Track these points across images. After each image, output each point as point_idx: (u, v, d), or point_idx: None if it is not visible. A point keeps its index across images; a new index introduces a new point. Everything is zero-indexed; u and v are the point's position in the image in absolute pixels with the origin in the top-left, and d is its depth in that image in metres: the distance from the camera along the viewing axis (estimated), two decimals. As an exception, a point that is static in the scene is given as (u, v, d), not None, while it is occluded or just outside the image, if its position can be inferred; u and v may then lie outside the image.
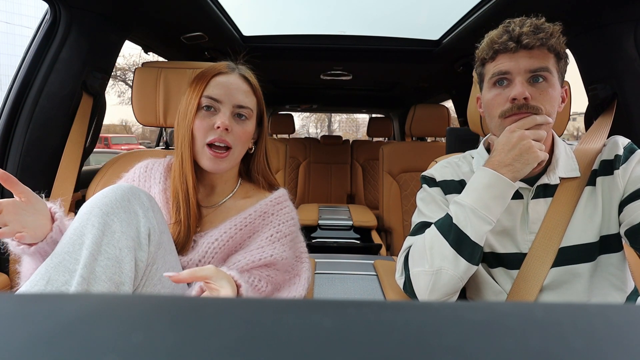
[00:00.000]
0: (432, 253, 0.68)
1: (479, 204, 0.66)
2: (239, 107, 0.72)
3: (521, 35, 0.66)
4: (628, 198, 0.67)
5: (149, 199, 0.60)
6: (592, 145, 0.77)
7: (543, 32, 0.66)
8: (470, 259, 0.66)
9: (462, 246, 0.66)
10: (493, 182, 0.65)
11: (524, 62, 0.67)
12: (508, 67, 0.68)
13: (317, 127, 26.64)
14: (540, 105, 0.67)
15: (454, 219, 0.68)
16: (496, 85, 0.71)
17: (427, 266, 0.68)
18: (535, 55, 0.67)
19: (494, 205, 0.65)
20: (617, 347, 0.12)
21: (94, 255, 0.51)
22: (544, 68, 0.66)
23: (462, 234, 0.66)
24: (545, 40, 0.66)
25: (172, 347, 0.12)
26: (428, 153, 1.95)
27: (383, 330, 0.13)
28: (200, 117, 0.70)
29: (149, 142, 17.67)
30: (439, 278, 0.66)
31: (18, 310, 0.14)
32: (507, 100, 0.68)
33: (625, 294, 0.69)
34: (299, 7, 1.54)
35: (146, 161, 0.79)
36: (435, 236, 0.69)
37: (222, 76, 0.72)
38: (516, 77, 0.67)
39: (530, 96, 0.66)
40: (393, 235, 1.91)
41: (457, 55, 1.66)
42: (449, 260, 0.66)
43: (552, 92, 0.67)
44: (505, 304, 0.16)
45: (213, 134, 0.69)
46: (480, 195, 0.66)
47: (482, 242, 0.67)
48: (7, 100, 0.98)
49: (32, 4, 18.00)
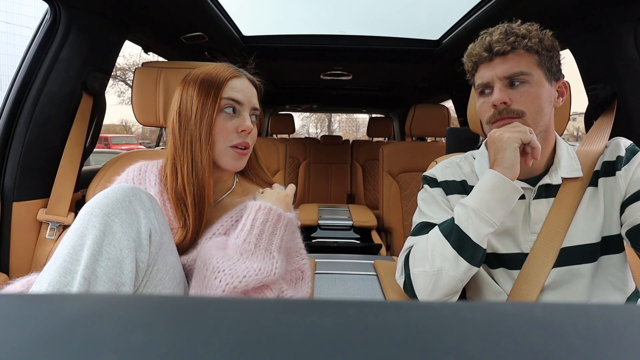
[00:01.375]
0: (434, 254, 0.68)
1: (482, 205, 0.66)
2: (254, 109, 0.74)
3: (491, 44, 0.69)
4: (630, 199, 0.67)
5: (150, 200, 0.60)
6: (594, 147, 0.77)
7: (513, 35, 0.67)
8: (471, 260, 0.66)
9: (464, 247, 0.66)
10: (498, 185, 0.66)
11: (499, 68, 0.69)
12: (487, 76, 0.71)
13: (317, 127, 26.65)
14: (522, 107, 0.68)
15: (456, 220, 0.68)
16: (481, 94, 0.74)
17: (427, 266, 0.68)
18: (510, 59, 0.68)
19: (497, 207, 0.65)
20: (617, 347, 0.12)
21: (95, 256, 0.51)
22: (519, 72, 0.68)
23: (464, 235, 0.66)
24: (517, 44, 0.67)
25: (172, 347, 0.12)
26: (428, 153, 1.95)
27: (383, 330, 0.13)
28: (222, 119, 0.70)
29: (149, 142, 17.68)
30: (440, 278, 0.66)
31: (18, 310, 0.14)
32: (491, 107, 0.71)
33: (625, 295, 0.69)
34: (299, 7, 1.55)
35: (139, 164, 0.79)
36: (437, 237, 0.69)
37: (237, 80, 0.73)
38: (495, 84, 0.70)
39: (509, 100, 0.68)
40: (393, 235, 1.91)
41: (457, 55, 1.66)
42: (449, 261, 0.66)
43: (535, 91, 0.68)
44: (505, 304, 0.16)
45: (238, 137, 0.71)
46: (485, 197, 0.66)
47: (485, 244, 0.67)
48: (7, 100, 0.98)
49: (32, 4, 18.00)
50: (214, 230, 0.70)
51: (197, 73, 0.73)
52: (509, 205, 0.66)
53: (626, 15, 0.98)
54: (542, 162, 0.75)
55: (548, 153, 0.75)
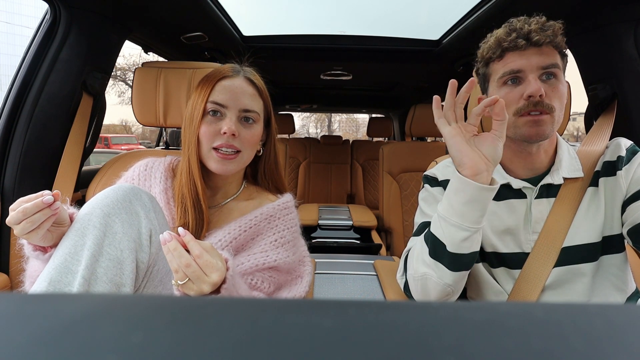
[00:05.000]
0: (418, 259, 0.68)
1: (449, 211, 0.62)
2: (245, 111, 0.71)
3: (530, 33, 0.66)
4: (630, 198, 0.67)
5: (151, 200, 0.60)
6: (594, 147, 0.77)
7: (550, 29, 0.66)
8: (451, 266, 0.63)
9: (439, 254, 0.64)
10: (459, 187, 0.61)
11: (535, 59, 0.67)
12: (520, 65, 0.67)
13: (317, 127, 26.65)
14: (553, 103, 0.67)
15: (431, 227, 0.66)
16: (507, 83, 0.70)
17: (412, 271, 0.68)
18: (545, 52, 0.67)
19: (467, 210, 0.60)
20: (617, 347, 0.12)
21: (96, 257, 0.51)
22: (555, 64, 0.67)
23: (438, 242, 0.64)
24: (552, 38, 0.66)
25: (172, 347, 0.12)
26: (428, 153, 1.95)
27: (383, 330, 0.13)
28: (207, 122, 0.69)
29: (149, 142, 17.67)
30: (426, 283, 0.66)
31: (18, 310, 0.14)
32: (521, 98, 0.68)
33: (626, 294, 0.69)
34: (298, 7, 1.54)
35: (146, 160, 0.79)
36: (421, 242, 0.69)
37: (227, 80, 0.71)
38: (529, 74, 0.67)
39: (544, 93, 0.66)
40: (393, 235, 1.91)
41: (457, 55, 1.66)
42: (431, 267, 0.65)
43: (562, 88, 0.68)
44: (505, 304, 0.16)
45: (220, 139, 0.69)
46: (451, 202, 0.62)
47: (465, 250, 0.62)
48: (7, 100, 0.98)
49: (32, 4, 18.01)
50: (220, 237, 0.69)
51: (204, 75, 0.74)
52: (482, 205, 0.60)
53: (626, 15, 0.98)
54: (544, 161, 0.75)
55: (550, 153, 0.75)
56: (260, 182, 0.81)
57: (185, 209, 0.69)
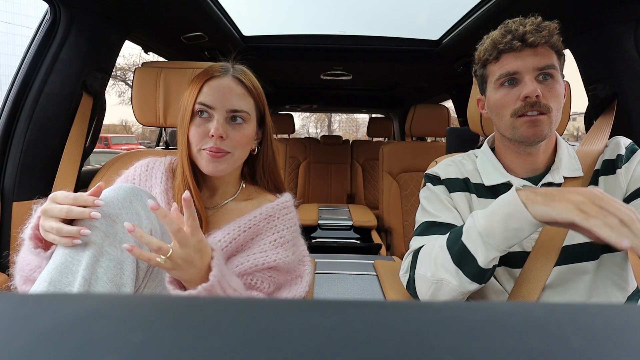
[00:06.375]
0: (437, 263, 0.67)
1: (491, 231, 0.60)
2: (233, 111, 0.69)
3: (525, 34, 0.66)
4: (630, 196, 0.68)
5: (151, 200, 0.60)
6: (593, 147, 0.77)
7: (545, 30, 0.66)
8: (475, 279, 0.63)
9: (466, 265, 0.63)
10: (514, 213, 0.58)
11: (530, 60, 0.67)
12: (515, 66, 0.68)
13: (317, 127, 26.65)
14: (549, 103, 0.67)
15: (463, 237, 0.64)
16: (504, 85, 0.71)
17: (429, 273, 0.67)
18: (541, 53, 0.67)
19: (511, 236, 0.59)
20: (617, 347, 0.12)
21: (96, 257, 0.51)
22: (551, 65, 0.67)
23: (469, 255, 0.63)
24: (548, 38, 0.66)
25: (172, 347, 0.12)
26: (428, 153, 1.95)
27: (383, 330, 0.13)
28: (196, 123, 0.69)
29: (149, 142, 17.67)
30: (440, 288, 0.66)
31: (18, 310, 0.14)
32: (518, 99, 0.68)
33: (627, 292, 0.69)
34: (298, 7, 1.54)
35: (147, 160, 0.78)
36: (441, 247, 0.67)
37: (215, 80, 0.70)
38: (525, 75, 0.67)
39: (541, 94, 0.66)
40: (393, 235, 1.91)
41: (457, 55, 1.67)
42: (450, 273, 0.64)
43: (559, 88, 0.68)
44: (505, 304, 0.16)
45: (208, 141, 0.68)
46: (495, 223, 0.60)
47: (490, 265, 0.62)
48: (7, 100, 0.98)
49: (32, 4, 18.00)
50: (219, 237, 0.69)
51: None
52: (523, 236, 0.59)
53: (626, 15, 0.98)
54: (544, 161, 0.75)
55: (550, 152, 0.75)
56: (259, 182, 0.81)
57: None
